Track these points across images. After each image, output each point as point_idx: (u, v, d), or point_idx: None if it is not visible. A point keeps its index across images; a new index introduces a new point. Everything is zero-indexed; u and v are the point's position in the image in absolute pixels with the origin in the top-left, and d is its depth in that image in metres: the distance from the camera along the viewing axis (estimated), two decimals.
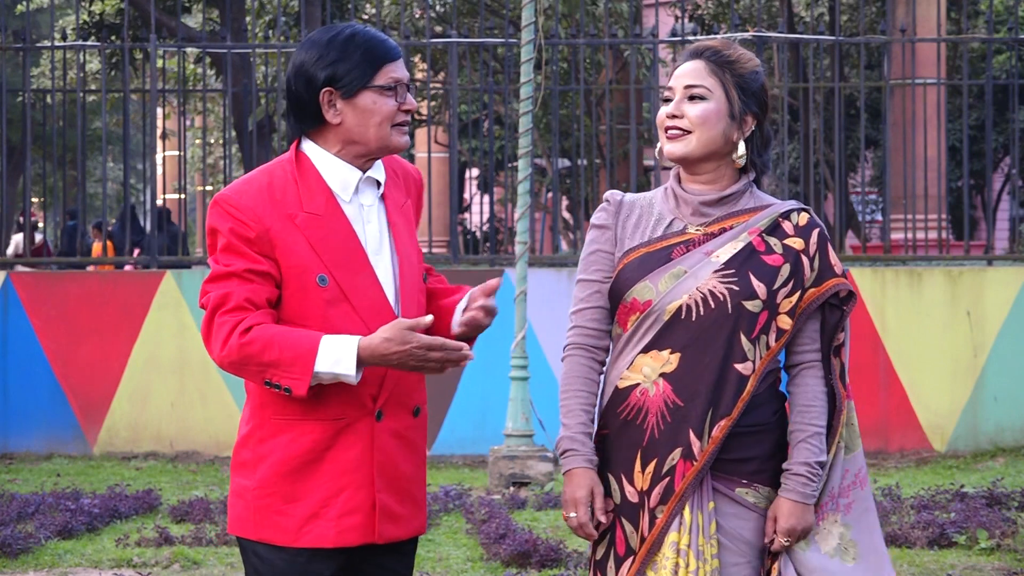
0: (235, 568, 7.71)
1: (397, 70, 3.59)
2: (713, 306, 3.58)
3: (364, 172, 3.64)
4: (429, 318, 3.53)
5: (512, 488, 10.32)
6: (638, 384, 3.63)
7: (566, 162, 23.68)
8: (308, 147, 3.66)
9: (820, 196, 14.13)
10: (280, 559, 3.60)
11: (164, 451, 12.26)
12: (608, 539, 3.67)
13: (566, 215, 26.40)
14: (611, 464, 3.67)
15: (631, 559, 3.62)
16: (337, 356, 3.48)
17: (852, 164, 20.98)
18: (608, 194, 3.80)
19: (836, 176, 13.92)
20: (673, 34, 13.80)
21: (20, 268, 14.63)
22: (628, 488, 3.63)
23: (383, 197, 3.67)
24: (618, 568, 3.64)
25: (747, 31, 13.88)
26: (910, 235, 13.28)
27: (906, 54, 13.36)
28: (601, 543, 3.69)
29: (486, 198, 18.20)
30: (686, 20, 15.04)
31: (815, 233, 3.66)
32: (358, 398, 3.58)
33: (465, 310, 3.68)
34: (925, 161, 13.08)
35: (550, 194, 22.72)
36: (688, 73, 3.68)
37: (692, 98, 3.66)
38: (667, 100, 3.71)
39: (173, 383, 12.24)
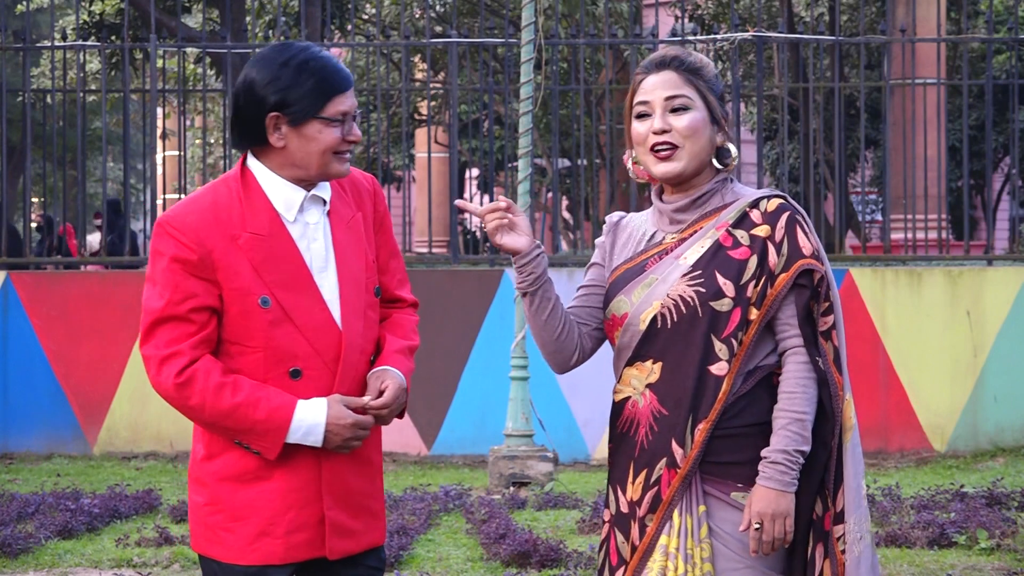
0: None
1: (346, 101, 3.57)
2: (684, 311, 3.56)
3: (309, 191, 3.62)
4: (366, 399, 3.58)
5: (512, 488, 10.31)
6: (629, 397, 3.65)
7: (566, 162, 23.68)
8: (253, 164, 3.64)
9: (820, 196, 14.12)
10: (231, 574, 3.59)
11: (164, 451, 12.25)
12: (604, 549, 3.69)
13: (566, 215, 26.41)
14: (611, 477, 3.70)
15: (623, 568, 3.63)
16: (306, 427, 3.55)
17: (852, 164, 20.97)
18: (607, 216, 3.81)
19: (836, 176, 13.92)
20: (673, 34, 13.77)
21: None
22: (622, 499, 3.65)
23: (329, 214, 3.65)
24: None
25: (747, 31, 13.88)
26: (910, 235, 13.28)
27: (906, 54, 13.36)
28: (600, 551, 3.72)
29: (486, 198, 18.20)
30: (686, 20, 15.03)
31: (783, 217, 3.59)
32: None
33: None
34: (925, 161, 13.07)
35: (550, 194, 22.70)
36: (664, 84, 3.61)
37: (675, 110, 3.60)
38: (642, 115, 3.64)
39: None
